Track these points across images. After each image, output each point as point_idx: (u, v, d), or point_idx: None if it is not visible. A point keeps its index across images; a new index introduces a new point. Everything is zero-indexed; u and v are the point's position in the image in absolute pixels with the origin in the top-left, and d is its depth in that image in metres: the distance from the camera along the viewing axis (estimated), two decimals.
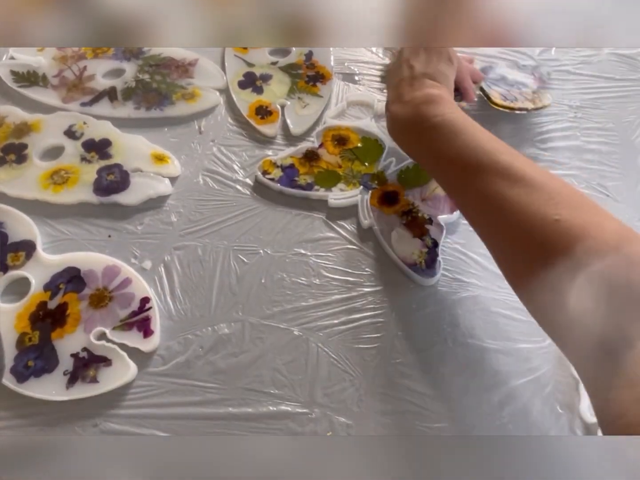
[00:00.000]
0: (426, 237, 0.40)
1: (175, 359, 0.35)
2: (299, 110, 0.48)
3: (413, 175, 0.44)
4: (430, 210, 0.42)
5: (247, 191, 0.44)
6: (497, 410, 0.34)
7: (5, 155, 0.44)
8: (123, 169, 0.43)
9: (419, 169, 0.44)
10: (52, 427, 0.33)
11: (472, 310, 0.38)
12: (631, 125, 0.50)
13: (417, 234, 0.40)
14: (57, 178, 0.43)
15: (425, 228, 0.41)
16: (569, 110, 0.51)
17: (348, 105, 0.49)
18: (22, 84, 0.49)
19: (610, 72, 0.54)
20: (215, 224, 0.42)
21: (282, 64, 0.52)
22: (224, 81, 0.50)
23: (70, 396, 0.33)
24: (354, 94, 0.50)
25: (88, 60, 0.51)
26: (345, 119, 0.49)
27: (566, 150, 0.48)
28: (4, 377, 0.33)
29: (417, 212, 0.41)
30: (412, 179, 0.44)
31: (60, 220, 0.41)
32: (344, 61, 0.53)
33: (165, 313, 0.37)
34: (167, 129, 0.47)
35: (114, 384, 0.33)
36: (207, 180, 0.44)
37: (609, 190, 0.45)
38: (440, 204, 0.42)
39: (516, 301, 0.30)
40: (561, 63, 0.55)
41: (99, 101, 0.48)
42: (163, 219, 0.42)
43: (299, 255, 0.40)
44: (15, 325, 0.36)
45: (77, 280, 0.37)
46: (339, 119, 0.48)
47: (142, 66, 0.51)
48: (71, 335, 0.35)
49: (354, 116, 0.49)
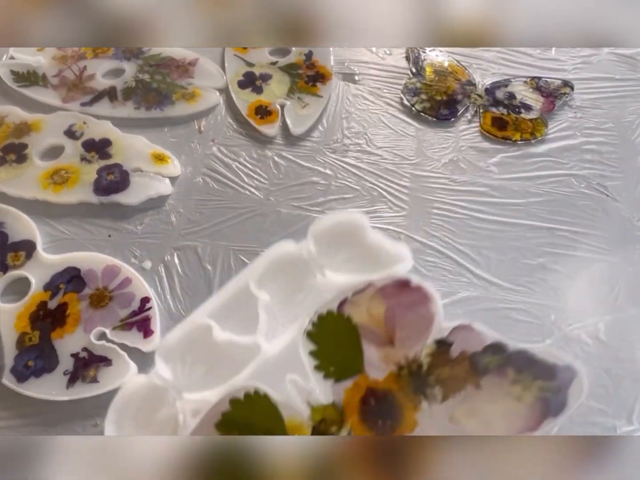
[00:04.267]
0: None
1: None
2: (298, 110, 0.48)
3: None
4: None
5: (247, 191, 0.44)
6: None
7: (5, 155, 0.44)
8: (123, 169, 0.43)
9: None
10: (52, 427, 0.32)
11: (472, 310, 0.38)
12: (631, 125, 0.50)
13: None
14: (57, 178, 0.43)
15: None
16: (569, 110, 0.51)
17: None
18: (22, 83, 0.49)
19: (610, 72, 0.54)
20: (215, 224, 0.42)
21: (281, 63, 0.52)
22: (223, 81, 0.50)
23: (70, 396, 0.33)
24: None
25: (88, 60, 0.51)
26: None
27: (566, 150, 0.48)
28: (4, 377, 0.33)
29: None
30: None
31: (60, 220, 0.41)
32: (344, 61, 0.53)
33: (165, 313, 0.37)
34: (167, 129, 0.47)
35: (114, 384, 0.33)
36: (207, 180, 0.44)
37: (609, 190, 0.45)
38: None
39: (516, 301, 0.30)
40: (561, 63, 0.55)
41: (99, 101, 0.48)
42: (163, 218, 0.42)
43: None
44: (15, 325, 0.35)
45: (77, 280, 0.37)
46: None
47: (142, 66, 0.51)
48: (71, 335, 0.35)
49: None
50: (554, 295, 0.39)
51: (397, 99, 0.51)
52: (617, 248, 0.42)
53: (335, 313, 0.25)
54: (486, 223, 0.43)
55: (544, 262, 0.41)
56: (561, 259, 0.41)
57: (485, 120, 0.49)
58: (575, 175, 0.46)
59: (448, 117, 0.49)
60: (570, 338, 0.37)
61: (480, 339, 0.22)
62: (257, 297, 0.28)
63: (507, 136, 0.48)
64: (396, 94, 0.51)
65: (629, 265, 0.41)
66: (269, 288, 0.28)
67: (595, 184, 0.45)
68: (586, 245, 0.42)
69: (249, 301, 0.27)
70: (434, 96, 0.51)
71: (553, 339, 0.37)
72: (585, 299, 0.39)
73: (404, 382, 0.21)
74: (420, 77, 0.52)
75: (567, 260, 0.41)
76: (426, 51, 0.55)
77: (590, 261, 0.41)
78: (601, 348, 0.37)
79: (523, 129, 0.48)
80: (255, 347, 0.26)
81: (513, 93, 0.51)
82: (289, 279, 0.29)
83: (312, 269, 0.28)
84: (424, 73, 0.53)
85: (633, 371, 0.36)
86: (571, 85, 0.52)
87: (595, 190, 0.45)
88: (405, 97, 0.51)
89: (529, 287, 0.39)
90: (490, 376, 0.20)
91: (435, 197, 0.44)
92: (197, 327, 0.27)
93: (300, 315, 0.26)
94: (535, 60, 0.55)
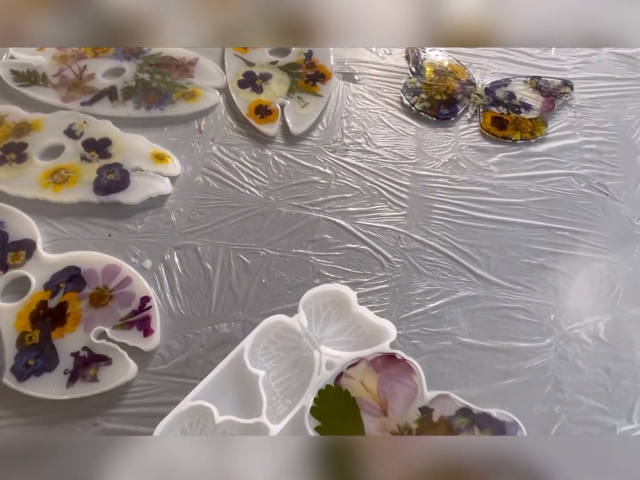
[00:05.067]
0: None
1: (175, 358, 0.35)
2: (298, 110, 0.48)
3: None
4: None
5: (247, 191, 0.44)
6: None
7: (5, 155, 0.44)
8: (123, 168, 0.43)
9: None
10: (52, 426, 0.33)
11: (472, 310, 0.38)
12: (631, 125, 0.50)
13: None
14: (57, 177, 0.43)
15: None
16: (569, 110, 0.51)
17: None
18: (22, 83, 0.49)
19: (610, 71, 0.54)
20: (215, 224, 0.42)
21: (281, 63, 0.52)
22: (223, 80, 0.51)
23: (70, 395, 0.33)
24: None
25: (88, 60, 0.51)
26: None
27: (566, 150, 0.48)
28: (4, 376, 0.33)
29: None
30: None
31: (61, 219, 0.41)
32: (344, 61, 0.53)
33: (165, 312, 0.37)
34: (167, 128, 0.47)
35: (114, 383, 0.33)
36: (207, 179, 0.44)
37: (608, 190, 0.45)
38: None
39: (516, 300, 0.30)
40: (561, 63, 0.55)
41: (99, 100, 0.48)
42: (163, 218, 0.42)
43: (299, 255, 0.40)
44: (16, 324, 0.36)
45: (77, 279, 0.37)
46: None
47: (142, 65, 0.51)
48: (71, 334, 0.35)
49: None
50: (553, 294, 0.39)
51: (397, 99, 0.51)
52: (617, 248, 0.42)
53: (334, 387, 0.27)
54: (486, 222, 0.43)
55: (543, 262, 0.41)
56: (561, 259, 0.41)
57: (485, 119, 0.49)
58: (575, 175, 0.46)
59: (448, 117, 0.49)
60: (570, 337, 0.37)
61: (453, 405, 0.27)
62: (255, 374, 0.28)
63: (507, 135, 0.48)
64: (396, 93, 0.51)
65: (629, 265, 0.41)
66: (264, 365, 0.29)
67: (595, 183, 0.45)
68: (586, 244, 0.42)
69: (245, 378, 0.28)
70: (434, 96, 0.51)
71: (553, 338, 0.37)
72: (585, 299, 0.39)
73: None
74: (420, 76, 0.53)
75: (567, 259, 0.41)
76: (426, 51, 0.55)
77: (590, 260, 0.41)
78: (601, 347, 0.37)
79: (523, 129, 0.48)
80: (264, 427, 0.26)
81: (513, 92, 0.51)
82: (284, 354, 0.29)
83: (307, 343, 0.29)
84: (424, 73, 0.53)
85: (633, 371, 0.36)
86: (571, 85, 0.52)
87: (595, 189, 0.45)
88: (405, 97, 0.51)
89: (529, 286, 0.39)
90: (461, 434, 0.25)
91: (435, 197, 0.44)
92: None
93: (299, 391, 0.27)
94: (535, 60, 0.55)
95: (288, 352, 0.29)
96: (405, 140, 0.48)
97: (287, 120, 0.48)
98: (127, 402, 0.33)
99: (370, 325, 0.30)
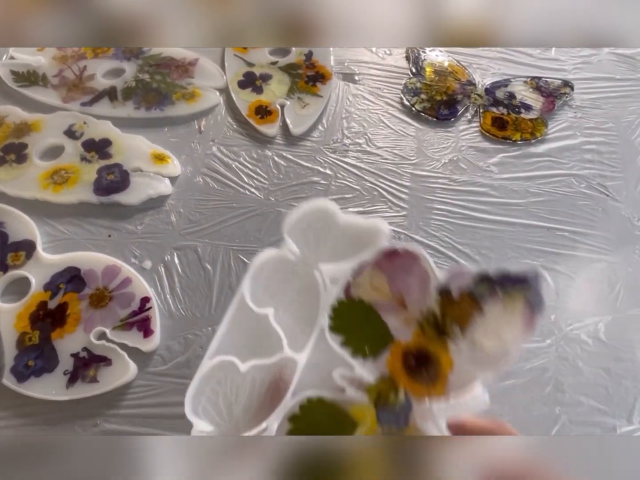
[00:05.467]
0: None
1: (175, 358, 0.35)
2: (298, 110, 0.48)
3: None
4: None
5: (247, 191, 0.44)
6: (497, 409, 0.34)
7: (5, 155, 0.44)
8: (123, 169, 0.43)
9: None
10: (52, 427, 0.33)
11: None
12: (631, 125, 0.50)
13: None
14: (57, 178, 0.43)
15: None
16: (569, 110, 0.51)
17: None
18: (22, 83, 0.49)
19: (610, 71, 0.54)
20: (215, 224, 0.42)
21: (282, 63, 0.52)
22: (223, 81, 0.50)
23: (70, 396, 0.33)
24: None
25: (88, 60, 0.51)
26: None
27: (566, 150, 0.48)
28: (4, 377, 0.33)
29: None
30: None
31: (61, 220, 0.41)
32: (344, 61, 0.53)
33: (165, 313, 0.37)
34: (167, 129, 0.47)
35: (114, 384, 0.33)
36: (207, 180, 0.44)
37: (609, 190, 0.45)
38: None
39: None
40: (561, 63, 0.55)
41: (99, 101, 0.48)
42: (163, 218, 0.42)
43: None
44: (16, 324, 0.36)
45: (77, 280, 0.37)
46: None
47: (142, 66, 0.51)
48: (71, 335, 0.35)
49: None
50: (554, 295, 0.39)
51: (397, 99, 0.51)
52: (617, 248, 0.42)
53: (345, 300, 0.26)
54: (486, 223, 0.43)
55: (543, 262, 0.41)
56: (561, 259, 0.41)
57: (485, 120, 0.49)
58: (575, 175, 0.46)
59: (448, 117, 0.49)
60: (570, 338, 0.37)
61: (468, 274, 0.25)
62: (264, 314, 0.28)
63: (507, 136, 0.48)
64: (396, 94, 0.51)
65: (629, 265, 0.41)
66: (270, 302, 0.28)
67: (595, 183, 0.45)
68: (586, 245, 0.42)
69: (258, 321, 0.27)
70: (434, 96, 0.51)
71: (553, 338, 0.37)
72: (586, 299, 0.39)
73: (429, 334, 0.25)
74: (420, 77, 0.52)
75: (567, 260, 0.41)
76: (426, 51, 0.55)
77: (590, 261, 0.41)
78: (601, 348, 0.37)
79: (523, 129, 0.48)
80: (291, 361, 0.26)
81: (513, 93, 0.51)
82: (286, 285, 0.29)
83: (305, 267, 0.29)
84: (424, 73, 0.53)
85: (633, 371, 0.36)
86: (571, 85, 0.52)
87: (595, 190, 0.45)
88: (405, 97, 0.51)
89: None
90: (486, 300, 0.24)
91: (435, 197, 0.44)
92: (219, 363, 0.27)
93: (313, 315, 0.27)
94: (536, 60, 0.55)
95: (288, 283, 0.29)
96: (406, 140, 0.48)
97: (287, 120, 0.48)
98: (127, 402, 0.33)
99: (361, 228, 0.29)
